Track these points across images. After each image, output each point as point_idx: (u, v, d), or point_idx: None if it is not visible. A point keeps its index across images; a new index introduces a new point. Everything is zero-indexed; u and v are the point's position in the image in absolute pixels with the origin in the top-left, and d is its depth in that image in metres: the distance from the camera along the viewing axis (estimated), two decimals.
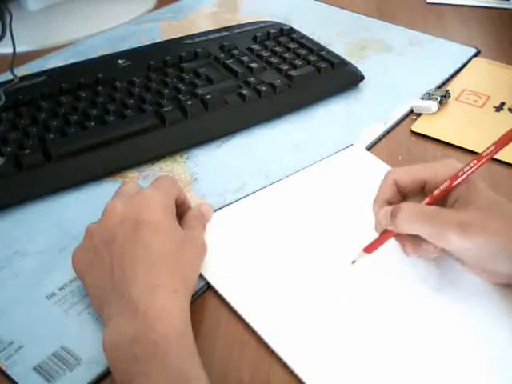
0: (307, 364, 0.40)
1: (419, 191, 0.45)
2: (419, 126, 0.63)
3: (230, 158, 0.59)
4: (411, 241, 0.43)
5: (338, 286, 0.45)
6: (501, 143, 0.42)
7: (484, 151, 0.42)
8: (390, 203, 0.44)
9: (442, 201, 0.43)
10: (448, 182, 0.43)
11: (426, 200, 0.43)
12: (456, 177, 0.42)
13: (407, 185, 0.45)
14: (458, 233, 0.40)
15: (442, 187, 0.43)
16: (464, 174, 0.42)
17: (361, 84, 0.69)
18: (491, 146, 0.42)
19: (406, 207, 0.42)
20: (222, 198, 0.53)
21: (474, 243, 0.40)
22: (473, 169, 0.42)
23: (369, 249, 0.45)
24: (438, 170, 0.44)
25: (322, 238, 0.49)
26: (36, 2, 0.86)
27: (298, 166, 0.56)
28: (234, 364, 0.41)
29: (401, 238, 0.44)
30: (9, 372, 0.39)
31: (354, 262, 0.45)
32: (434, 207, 0.42)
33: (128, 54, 0.70)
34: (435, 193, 0.43)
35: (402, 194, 0.45)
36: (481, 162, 0.42)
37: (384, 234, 0.44)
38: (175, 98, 0.61)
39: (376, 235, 0.45)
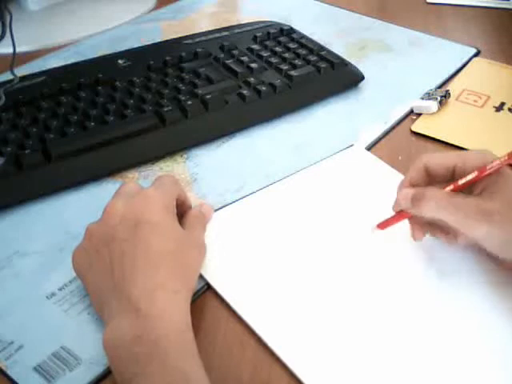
0: (306, 364, 0.40)
1: (449, 178, 0.45)
2: (419, 126, 0.63)
3: (229, 158, 0.59)
4: (423, 226, 0.45)
5: (337, 287, 0.45)
6: None
7: None
8: (414, 186, 0.45)
9: (469, 188, 0.43)
10: (476, 173, 0.42)
11: (451, 187, 0.43)
12: (484, 169, 0.42)
13: (437, 170, 0.45)
14: (481, 221, 0.40)
15: (469, 178, 0.43)
16: (492, 168, 0.42)
17: (361, 84, 0.69)
18: None
19: (431, 193, 0.42)
20: (221, 198, 0.53)
21: (498, 232, 0.40)
22: (501, 163, 0.42)
23: (382, 225, 0.46)
24: (470, 157, 0.44)
25: (322, 238, 0.49)
26: (36, 2, 0.86)
27: (298, 166, 0.56)
28: (234, 364, 0.41)
29: (414, 221, 0.45)
30: (9, 372, 0.39)
31: (371, 231, 0.47)
32: (459, 194, 0.43)
33: (128, 54, 0.70)
34: (460, 182, 0.43)
35: (431, 179, 0.45)
36: (511, 158, 0.42)
37: (400, 214, 0.45)
38: (175, 98, 0.61)
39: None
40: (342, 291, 0.45)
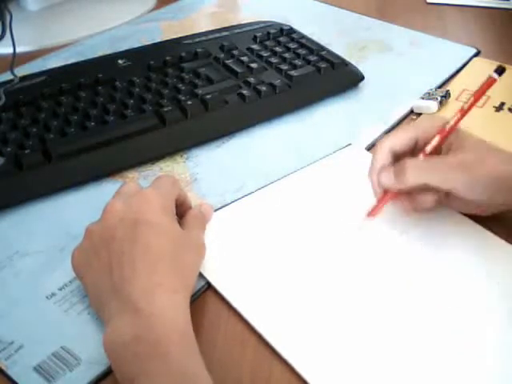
0: (308, 361, 0.40)
1: (412, 151, 0.48)
2: None
3: (229, 157, 0.59)
4: (408, 198, 0.47)
5: (337, 284, 0.45)
6: (479, 93, 0.47)
7: (465, 103, 0.47)
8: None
9: (435, 153, 0.47)
10: (438, 136, 0.47)
11: (421, 156, 0.47)
12: (443, 131, 0.47)
13: (402, 148, 0.48)
14: (463, 172, 0.44)
15: (434, 142, 0.46)
16: (450, 126, 0.46)
17: (361, 84, 0.69)
18: (470, 97, 0.47)
19: (412, 163, 0.46)
20: (221, 198, 0.53)
21: (477, 179, 0.44)
22: (456, 121, 0.47)
23: (372, 213, 0.47)
24: (426, 126, 0.48)
25: (321, 237, 0.49)
26: (36, 2, 0.86)
27: (297, 165, 0.56)
28: (234, 363, 0.41)
29: (399, 197, 0.47)
30: (9, 372, 0.39)
31: (360, 228, 0.48)
32: (435, 157, 0.47)
33: (128, 54, 0.70)
34: (428, 149, 0.46)
35: (396, 158, 0.48)
36: (463, 113, 0.47)
37: (384, 197, 0.47)
38: (175, 98, 0.61)
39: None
40: (341, 289, 0.45)
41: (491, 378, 0.39)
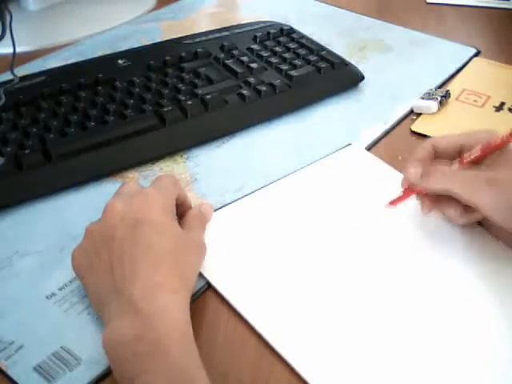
0: (308, 361, 0.40)
1: (455, 157, 0.47)
2: (419, 126, 0.63)
3: (229, 158, 0.59)
4: (432, 200, 0.46)
5: (337, 284, 0.45)
6: None
7: None
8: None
9: (476, 166, 0.46)
10: (479, 150, 0.45)
11: (456, 164, 0.46)
12: (487, 146, 0.45)
13: (445, 149, 0.47)
14: (487, 188, 0.42)
15: (473, 154, 0.45)
16: (494, 144, 0.44)
17: (361, 84, 0.69)
18: None
19: (440, 168, 0.46)
20: (221, 198, 0.53)
21: (502, 198, 0.42)
22: (502, 142, 0.44)
23: (394, 202, 0.48)
24: (478, 137, 0.46)
25: (321, 236, 0.49)
26: (36, 2, 0.86)
27: (297, 165, 0.56)
28: (234, 363, 0.41)
29: (422, 195, 0.47)
30: (9, 372, 0.39)
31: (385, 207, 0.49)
32: (464, 169, 0.45)
33: (128, 54, 0.70)
34: (465, 158, 0.46)
35: (438, 158, 0.47)
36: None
37: (409, 190, 0.47)
38: (175, 98, 0.61)
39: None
40: (341, 288, 0.45)
41: (491, 378, 0.39)
